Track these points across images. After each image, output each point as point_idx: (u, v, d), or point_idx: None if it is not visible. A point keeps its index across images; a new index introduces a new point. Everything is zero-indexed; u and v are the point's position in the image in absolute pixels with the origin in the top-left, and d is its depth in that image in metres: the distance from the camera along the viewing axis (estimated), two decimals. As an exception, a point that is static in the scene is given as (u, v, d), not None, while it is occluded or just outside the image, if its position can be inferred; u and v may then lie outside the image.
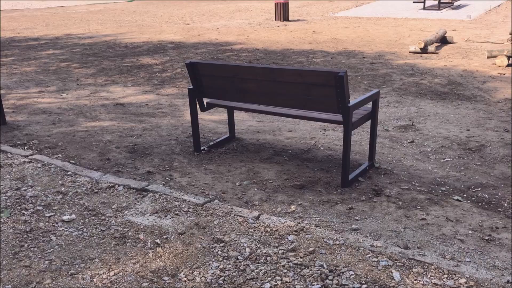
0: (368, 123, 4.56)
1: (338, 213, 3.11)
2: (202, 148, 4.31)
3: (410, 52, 9.04)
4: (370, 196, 3.37)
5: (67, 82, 7.41)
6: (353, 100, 3.50)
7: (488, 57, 7.78)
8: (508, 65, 7.50)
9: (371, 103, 3.78)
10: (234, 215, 3.00)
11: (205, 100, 4.28)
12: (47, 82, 7.46)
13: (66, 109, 5.83)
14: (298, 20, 15.15)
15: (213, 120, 5.35)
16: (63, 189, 3.45)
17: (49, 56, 9.82)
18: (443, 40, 9.86)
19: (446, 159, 4.07)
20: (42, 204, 3.21)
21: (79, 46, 11.06)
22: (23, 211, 3.11)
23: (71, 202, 3.24)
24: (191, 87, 4.12)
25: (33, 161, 3.98)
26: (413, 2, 17.40)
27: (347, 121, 3.41)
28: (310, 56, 9.06)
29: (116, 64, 8.80)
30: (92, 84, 7.28)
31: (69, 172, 3.74)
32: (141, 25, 15.05)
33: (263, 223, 2.90)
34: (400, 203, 3.26)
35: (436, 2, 15.96)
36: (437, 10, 15.50)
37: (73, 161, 4.06)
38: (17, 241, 2.75)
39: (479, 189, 3.50)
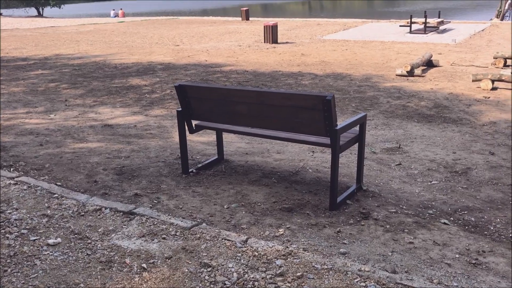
0: (356, 145, 4.59)
1: (326, 237, 3.11)
2: (190, 170, 4.30)
3: (397, 75, 9.17)
4: (358, 219, 3.38)
5: (55, 103, 7.38)
6: (340, 123, 3.53)
7: (473, 81, 7.92)
8: (492, 89, 7.63)
9: (358, 126, 3.81)
10: (222, 239, 2.99)
11: (194, 122, 4.29)
12: (35, 102, 7.43)
13: (53, 130, 5.79)
14: (287, 42, 15.32)
15: (201, 141, 5.35)
16: (49, 212, 3.41)
17: (37, 77, 9.80)
18: (429, 64, 10.03)
19: (433, 182, 4.10)
20: (27, 227, 3.17)
21: (68, 67, 11.06)
22: (7, 235, 3.06)
23: (57, 226, 3.20)
24: (180, 109, 4.13)
25: (19, 183, 3.93)
26: (400, 26, 17.72)
27: (335, 144, 3.43)
28: (299, 78, 9.15)
29: (105, 85, 8.80)
30: (80, 105, 7.26)
31: (56, 195, 3.70)
32: (131, 46, 15.11)
33: (251, 247, 2.88)
34: (387, 226, 3.27)
35: (422, 26, 16.26)
36: (423, 34, 15.79)
37: (59, 183, 4.03)
38: (0, 266, 2.70)
39: (465, 212, 3.53)
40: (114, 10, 38.24)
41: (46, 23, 28.69)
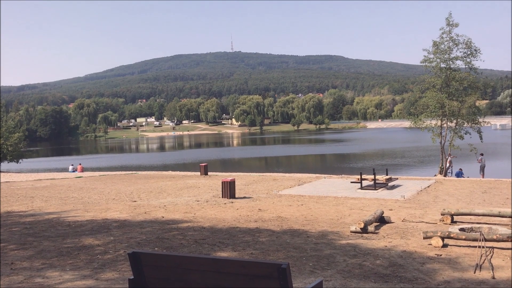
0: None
1: None
2: None
3: (351, 231, 9.36)
4: None
5: None
6: (296, 291, 3.49)
7: (424, 238, 8.17)
8: (443, 246, 7.87)
9: (315, 293, 3.77)
10: None
11: (147, 290, 4.12)
12: (-23, 266, 7.00)
13: (-7, 299, 5.39)
14: (244, 197, 15.65)
15: (154, 309, 5.07)
16: None
17: (-16, 236, 9.37)
18: (381, 220, 10.37)
19: None
20: None
21: (19, 225, 10.70)
22: None
23: None
24: (132, 277, 4.00)
25: None
26: (351, 182, 18.61)
27: (292, 315, 3.34)
28: (256, 235, 9.16)
29: (56, 245, 8.49)
30: (27, 268, 6.89)
31: None
32: (87, 202, 14.98)
33: None
34: None
35: (372, 183, 17.13)
36: (373, 190, 16.56)
37: None
38: None
39: None
40: (72, 165, 38.66)
41: (1, 179, 28.39)
